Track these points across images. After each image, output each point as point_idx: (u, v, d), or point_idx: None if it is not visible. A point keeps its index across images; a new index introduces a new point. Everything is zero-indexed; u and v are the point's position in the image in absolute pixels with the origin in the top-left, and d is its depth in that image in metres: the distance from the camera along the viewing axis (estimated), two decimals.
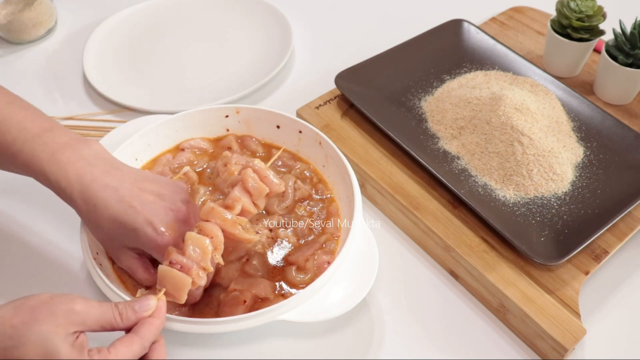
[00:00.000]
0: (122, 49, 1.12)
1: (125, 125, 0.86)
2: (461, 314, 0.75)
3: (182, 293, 0.61)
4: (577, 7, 0.96)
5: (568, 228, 0.77)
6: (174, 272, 0.60)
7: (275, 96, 1.04)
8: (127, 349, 0.54)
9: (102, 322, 0.55)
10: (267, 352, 0.71)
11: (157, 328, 0.57)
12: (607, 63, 0.94)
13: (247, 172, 0.67)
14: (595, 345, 0.72)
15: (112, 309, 0.56)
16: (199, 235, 0.63)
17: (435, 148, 0.87)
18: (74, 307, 0.53)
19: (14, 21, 1.10)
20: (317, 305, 0.66)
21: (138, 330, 0.56)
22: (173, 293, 0.61)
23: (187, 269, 0.61)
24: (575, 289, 0.73)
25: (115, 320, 0.55)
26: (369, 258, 0.70)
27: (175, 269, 0.61)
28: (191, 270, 0.61)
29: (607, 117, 0.89)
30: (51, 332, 0.51)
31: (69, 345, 0.51)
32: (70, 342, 0.52)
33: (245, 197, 0.67)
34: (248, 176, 0.67)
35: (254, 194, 0.67)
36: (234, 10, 1.20)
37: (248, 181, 0.67)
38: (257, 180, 0.67)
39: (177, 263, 0.61)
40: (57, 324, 0.51)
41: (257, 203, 0.68)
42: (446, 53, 1.02)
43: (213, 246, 0.63)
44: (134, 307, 0.57)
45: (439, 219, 0.79)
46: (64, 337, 0.51)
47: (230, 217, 0.65)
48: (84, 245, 0.70)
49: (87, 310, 0.54)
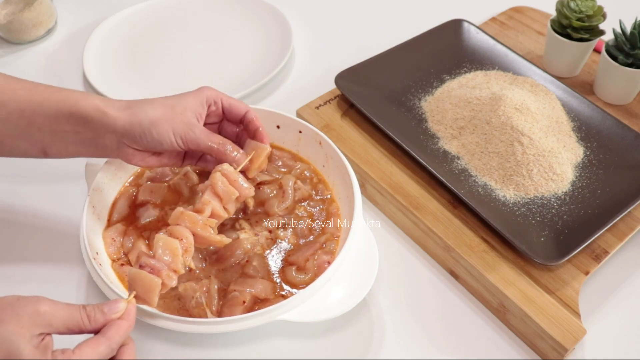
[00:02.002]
0: (122, 49, 1.12)
1: None
2: (461, 314, 0.75)
3: (152, 295, 0.60)
4: (577, 7, 0.96)
5: (568, 228, 0.77)
6: (143, 274, 0.60)
7: (275, 96, 1.04)
8: (93, 350, 0.53)
9: (68, 324, 0.54)
10: (267, 352, 0.71)
11: (126, 330, 0.56)
12: (607, 63, 0.94)
13: (216, 176, 0.68)
14: (595, 345, 0.72)
15: (80, 310, 0.55)
16: (169, 237, 0.63)
17: (435, 148, 0.87)
18: (39, 309, 0.53)
19: (14, 21, 1.10)
20: (317, 305, 0.66)
21: (105, 332, 0.55)
22: (143, 296, 0.60)
23: (157, 270, 0.61)
24: (575, 289, 0.73)
25: (82, 322, 0.55)
26: (369, 258, 0.70)
27: (145, 271, 0.60)
28: (161, 272, 0.61)
29: (607, 117, 0.89)
30: (15, 333, 0.51)
31: (32, 346, 0.51)
32: (35, 343, 0.51)
33: (215, 201, 0.68)
34: (217, 180, 0.68)
35: (224, 198, 0.68)
36: (234, 10, 1.20)
37: (217, 185, 0.68)
38: (227, 184, 0.68)
39: (147, 265, 0.61)
40: (21, 325, 0.51)
41: (227, 207, 0.69)
42: (446, 53, 1.02)
43: (183, 249, 0.63)
44: (103, 310, 0.56)
45: (439, 219, 0.79)
46: (29, 339, 0.51)
47: (200, 220, 0.65)
48: (84, 245, 0.70)
49: (52, 311, 0.53)
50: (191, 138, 0.68)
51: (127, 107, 0.67)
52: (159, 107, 0.68)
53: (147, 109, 0.67)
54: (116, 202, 0.79)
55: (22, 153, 0.69)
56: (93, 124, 0.67)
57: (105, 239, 0.75)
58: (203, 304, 0.68)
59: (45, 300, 0.54)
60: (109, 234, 0.75)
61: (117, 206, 0.78)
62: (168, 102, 0.69)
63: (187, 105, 0.69)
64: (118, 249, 0.74)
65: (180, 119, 0.68)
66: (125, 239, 0.75)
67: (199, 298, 0.68)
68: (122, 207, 0.78)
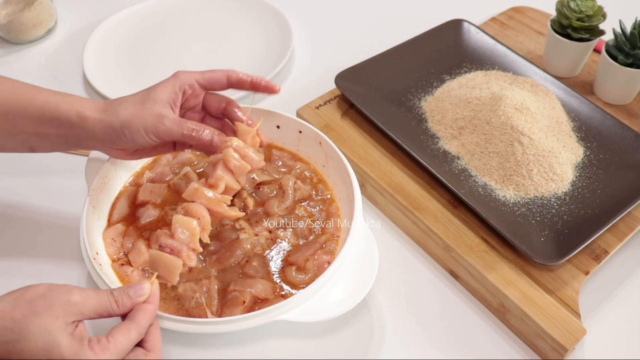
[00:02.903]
0: (122, 49, 1.12)
1: None
2: (461, 314, 0.75)
3: (174, 275, 0.62)
4: (577, 7, 0.96)
5: (568, 228, 0.77)
6: (164, 256, 0.62)
7: (275, 96, 1.03)
8: (125, 338, 0.56)
9: (98, 310, 0.56)
10: (267, 352, 0.71)
11: (152, 313, 0.59)
12: (607, 63, 0.94)
13: (228, 151, 0.69)
14: (595, 345, 0.72)
15: (108, 296, 0.57)
16: (186, 217, 0.64)
17: (435, 148, 0.87)
18: (71, 299, 0.54)
19: (14, 21, 1.10)
20: (317, 305, 0.66)
21: (134, 318, 0.57)
22: (165, 276, 0.62)
23: (177, 251, 0.62)
24: (575, 289, 0.73)
25: (111, 307, 0.57)
26: (369, 258, 0.70)
27: (166, 252, 0.62)
28: (181, 253, 0.63)
29: (607, 117, 0.89)
30: (51, 325, 0.52)
31: (68, 335, 0.53)
32: (70, 331, 0.53)
33: (227, 176, 0.69)
34: (230, 155, 0.68)
35: (236, 172, 0.69)
36: (234, 10, 1.20)
37: (230, 161, 0.68)
38: (239, 159, 0.69)
39: (167, 246, 0.63)
40: (56, 315, 0.53)
41: (239, 180, 0.70)
42: (446, 53, 1.02)
43: (200, 227, 0.65)
44: (129, 293, 0.59)
45: (439, 219, 0.79)
46: (64, 328, 0.53)
47: (214, 196, 0.67)
48: (84, 245, 0.70)
49: (84, 300, 0.55)
50: (163, 131, 0.66)
51: (103, 110, 0.67)
52: (129, 105, 0.67)
53: (118, 110, 0.66)
54: (116, 202, 0.79)
55: (11, 150, 0.70)
56: (75, 129, 0.66)
57: (105, 239, 0.75)
58: (203, 304, 0.68)
59: (75, 289, 0.56)
60: (109, 234, 0.75)
61: (117, 206, 0.78)
62: (138, 97, 0.68)
63: (157, 96, 0.68)
64: (118, 249, 0.74)
65: (150, 113, 0.66)
66: (125, 239, 0.75)
67: (198, 298, 0.68)
68: (122, 207, 0.78)
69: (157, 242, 0.63)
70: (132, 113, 0.66)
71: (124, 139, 0.66)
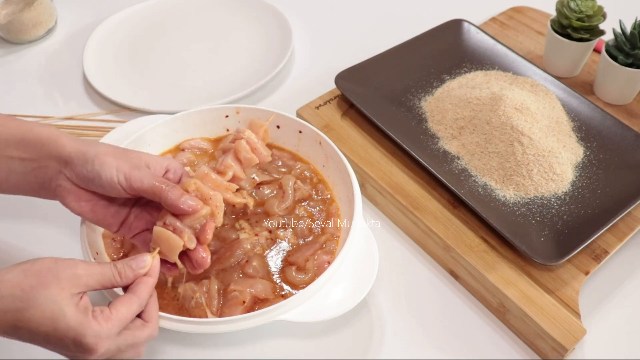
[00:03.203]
0: (122, 49, 1.12)
1: (125, 125, 0.86)
2: (461, 314, 0.75)
3: (173, 254, 0.63)
4: (577, 7, 0.96)
5: (568, 228, 0.77)
6: (168, 234, 0.63)
7: (275, 96, 1.04)
8: (127, 309, 0.58)
9: (103, 282, 0.58)
10: (267, 352, 0.71)
11: (152, 286, 0.61)
12: (607, 63, 0.94)
13: (241, 143, 0.71)
14: (595, 345, 0.72)
15: (112, 268, 0.59)
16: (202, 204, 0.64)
17: (435, 148, 0.87)
18: (77, 272, 0.56)
19: (14, 21, 1.10)
20: (317, 305, 0.66)
21: (135, 290, 0.59)
22: (166, 252, 0.63)
23: (180, 232, 0.63)
24: (575, 289, 0.73)
25: (115, 279, 0.59)
26: (369, 258, 0.70)
27: (169, 230, 0.63)
28: (183, 234, 0.63)
29: (607, 117, 0.89)
30: (57, 295, 0.54)
31: (74, 306, 0.55)
32: (75, 302, 0.55)
33: (236, 165, 0.71)
34: (242, 147, 0.71)
35: (245, 164, 0.72)
36: (234, 10, 1.20)
37: (241, 152, 0.71)
38: (249, 152, 0.72)
39: (171, 225, 0.63)
40: (62, 287, 0.55)
41: (245, 171, 0.72)
42: (446, 53, 1.02)
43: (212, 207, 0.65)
44: (132, 265, 0.60)
45: (439, 219, 0.79)
46: (70, 299, 0.55)
47: (222, 182, 0.68)
48: (84, 246, 0.70)
49: (88, 273, 0.57)
50: (135, 177, 0.63)
51: (81, 141, 0.65)
52: (113, 148, 0.65)
53: (100, 145, 0.64)
54: None
55: None
56: (40, 147, 0.64)
57: (105, 239, 0.75)
58: (203, 304, 0.68)
59: (80, 262, 0.57)
60: (109, 235, 0.75)
61: None
62: (124, 149, 0.66)
63: (142, 156, 0.66)
64: (118, 249, 0.74)
65: (129, 159, 0.64)
66: (125, 240, 0.75)
67: (198, 298, 0.68)
68: None
69: (163, 220, 0.64)
70: (113, 151, 0.64)
71: (88, 168, 0.62)
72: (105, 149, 0.64)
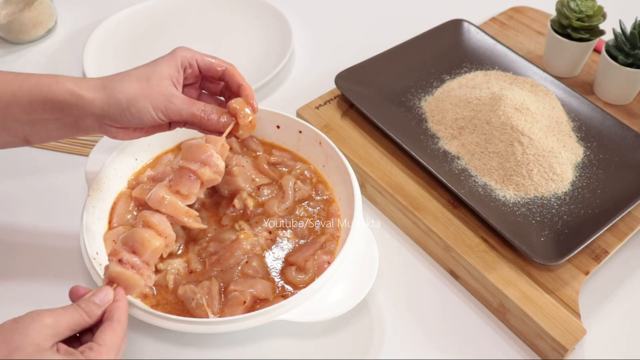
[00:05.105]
0: (122, 49, 1.12)
1: None
2: (461, 314, 0.75)
3: (133, 292, 0.62)
4: (577, 7, 0.96)
5: (568, 228, 0.77)
6: (128, 274, 0.61)
7: (275, 96, 1.04)
8: (115, 336, 0.56)
9: (72, 326, 0.56)
10: (267, 352, 0.71)
11: (127, 307, 0.60)
12: (607, 63, 0.94)
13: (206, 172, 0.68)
14: (595, 345, 0.72)
15: (78, 311, 0.57)
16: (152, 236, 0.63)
17: (435, 148, 0.87)
18: (45, 322, 0.54)
19: (14, 21, 1.10)
20: (317, 305, 0.66)
21: (113, 317, 0.58)
22: (126, 291, 0.61)
23: (139, 268, 0.62)
24: (575, 289, 0.73)
25: (84, 320, 0.57)
26: (369, 258, 0.70)
27: (126, 269, 0.61)
28: (143, 272, 0.62)
29: (607, 117, 0.89)
30: (36, 351, 0.52)
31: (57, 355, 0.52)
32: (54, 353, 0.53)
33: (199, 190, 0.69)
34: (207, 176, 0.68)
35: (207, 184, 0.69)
36: (234, 10, 1.20)
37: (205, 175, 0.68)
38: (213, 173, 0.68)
39: (129, 263, 0.62)
40: (36, 342, 0.52)
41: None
42: (446, 53, 1.02)
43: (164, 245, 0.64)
44: (96, 302, 0.58)
45: (439, 219, 0.79)
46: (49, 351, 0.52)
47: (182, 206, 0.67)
48: (84, 245, 0.70)
49: (56, 321, 0.54)
50: (172, 110, 0.66)
51: (102, 87, 0.64)
52: (134, 81, 0.65)
53: (123, 85, 0.64)
54: (116, 205, 0.78)
55: (4, 144, 0.68)
56: (70, 109, 0.64)
57: (106, 241, 0.74)
58: (204, 304, 0.68)
59: (43, 312, 0.54)
60: (110, 237, 0.74)
61: (117, 209, 0.78)
62: (143, 74, 0.66)
63: (162, 73, 0.66)
64: None
65: (158, 91, 0.65)
66: None
67: (199, 299, 0.68)
68: (122, 210, 0.78)
69: (117, 256, 0.62)
70: (139, 89, 0.64)
71: (129, 116, 0.64)
72: (132, 88, 0.64)
